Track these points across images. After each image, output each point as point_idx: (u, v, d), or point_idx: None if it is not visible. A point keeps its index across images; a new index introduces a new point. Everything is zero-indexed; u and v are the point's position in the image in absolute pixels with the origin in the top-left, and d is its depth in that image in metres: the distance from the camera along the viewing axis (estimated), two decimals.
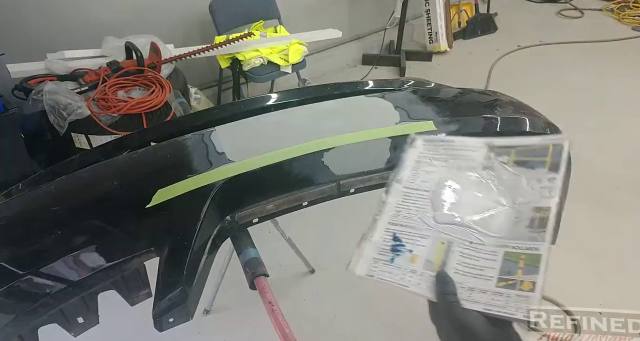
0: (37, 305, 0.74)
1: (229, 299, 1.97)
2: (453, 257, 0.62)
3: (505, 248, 0.61)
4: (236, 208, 0.87)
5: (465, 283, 0.59)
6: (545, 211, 0.62)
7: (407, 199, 0.71)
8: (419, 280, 0.61)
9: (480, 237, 0.63)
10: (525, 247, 0.60)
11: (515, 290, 0.56)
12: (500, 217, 0.64)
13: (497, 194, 0.68)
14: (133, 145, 1.05)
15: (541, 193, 0.65)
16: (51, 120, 2.03)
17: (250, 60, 2.74)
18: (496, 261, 0.60)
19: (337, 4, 3.77)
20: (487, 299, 0.57)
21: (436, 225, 0.66)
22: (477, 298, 0.57)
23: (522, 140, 0.72)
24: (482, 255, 0.61)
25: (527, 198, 0.65)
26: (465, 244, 0.63)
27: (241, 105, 1.21)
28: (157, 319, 0.73)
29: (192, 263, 0.76)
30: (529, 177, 0.67)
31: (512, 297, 0.56)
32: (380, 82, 1.37)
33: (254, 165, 0.88)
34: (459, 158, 0.74)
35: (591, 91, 3.55)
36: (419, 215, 0.68)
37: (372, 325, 1.89)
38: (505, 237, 0.62)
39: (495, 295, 0.57)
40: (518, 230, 0.62)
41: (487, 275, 0.59)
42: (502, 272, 0.59)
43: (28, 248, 0.76)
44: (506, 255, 0.60)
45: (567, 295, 1.97)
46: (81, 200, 0.85)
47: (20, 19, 2.34)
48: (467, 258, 0.62)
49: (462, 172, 0.72)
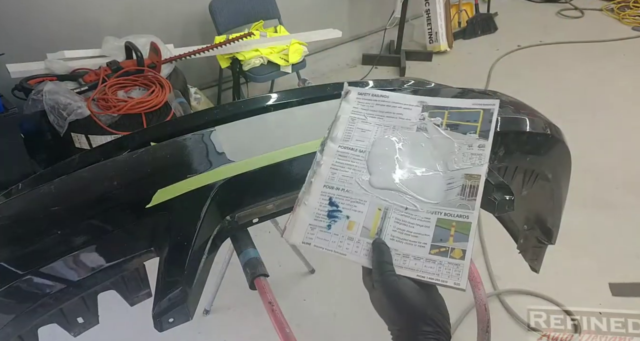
0: (37, 305, 0.74)
1: (229, 299, 1.97)
2: (389, 224, 0.63)
3: (437, 215, 0.62)
4: (236, 208, 0.87)
5: (401, 250, 0.61)
6: (475, 179, 0.63)
7: (342, 159, 0.71)
8: (356, 248, 0.63)
9: (415, 203, 0.64)
10: (456, 214, 0.62)
11: (447, 258, 0.59)
12: (434, 183, 0.66)
13: (431, 158, 0.68)
14: (133, 145, 1.05)
15: (472, 160, 0.66)
16: (51, 120, 2.03)
17: (250, 60, 2.74)
18: (429, 228, 0.62)
19: (337, 4, 3.77)
20: (421, 266, 0.59)
21: (372, 189, 0.66)
22: (411, 265, 0.60)
23: (455, 102, 0.73)
24: (417, 222, 0.63)
25: (459, 165, 0.66)
26: (400, 210, 0.64)
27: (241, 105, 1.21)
28: (157, 319, 0.72)
29: (192, 263, 0.76)
30: (461, 142, 0.68)
31: (444, 264, 0.59)
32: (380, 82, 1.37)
33: (254, 165, 0.88)
34: (393, 116, 0.73)
35: (591, 91, 3.55)
36: (354, 177, 0.68)
37: (372, 325, 1.89)
38: (438, 203, 0.64)
39: (428, 262, 0.59)
40: (450, 197, 0.64)
41: (421, 241, 0.61)
42: (435, 239, 0.61)
43: (28, 248, 0.76)
44: (439, 221, 0.62)
45: (567, 295, 1.97)
46: (81, 200, 0.85)
47: (20, 19, 2.34)
48: (402, 224, 0.63)
49: (396, 132, 0.71)
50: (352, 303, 1.99)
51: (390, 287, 0.58)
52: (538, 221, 1.25)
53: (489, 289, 2.02)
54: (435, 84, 1.37)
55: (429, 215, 0.63)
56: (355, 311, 1.95)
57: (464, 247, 0.59)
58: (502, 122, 1.07)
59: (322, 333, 1.88)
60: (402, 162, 0.68)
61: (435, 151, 0.68)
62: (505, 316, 1.92)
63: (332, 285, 2.07)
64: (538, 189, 1.14)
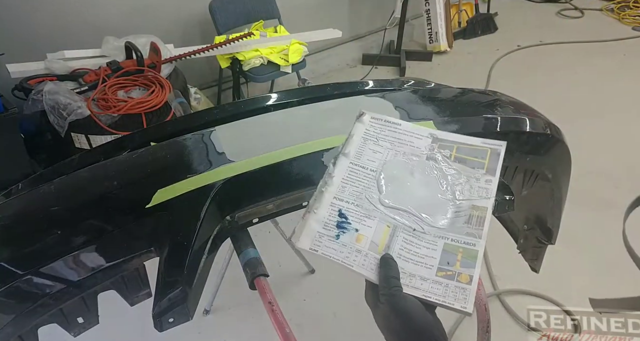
0: (36, 305, 0.74)
1: (229, 299, 1.97)
2: (397, 242, 0.64)
3: (444, 240, 0.64)
4: (236, 208, 0.87)
5: (407, 268, 0.61)
6: (482, 210, 0.65)
7: (352, 175, 0.73)
8: (364, 261, 0.63)
9: (422, 225, 0.66)
10: (463, 241, 0.63)
11: (453, 281, 0.60)
12: (442, 209, 0.67)
13: (440, 186, 0.70)
14: (133, 145, 1.05)
15: (479, 193, 0.68)
16: (51, 120, 2.03)
17: (250, 60, 2.74)
18: (436, 251, 0.63)
19: (337, 4, 3.77)
20: (427, 286, 0.60)
21: (382, 207, 0.68)
22: (417, 284, 0.60)
23: (464, 138, 0.75)
24: (424, 244, 0.64)
25: (467, 196, 0.68)
26: (408, 231, 0.65)
27: (241, 105, 1.21)
28: (157, 319, 0.72)
29: (192, 263, 0.76)
30: (469, 175, 0.70)
31: (451, 287, 0.59)
32: (380, 82, 1.37)
33: (254, 165, 0.88)
34: (404, 143, 0.76)
35: (591, 91, 3.55)
36: (364, 193, 0.70)
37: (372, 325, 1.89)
38: (445, 229, 0.65)
39: (434, 283, 0.60)
40: (457, 224, 0.65)
41: (428, 263, 0.62)
42: (441, 262, 0.62)
43: (28, 248, 0.76)
44: (445, 246, 0.63)
45: (567, 295, 1.97)
46: (81, 200, 0.85)
47: (21, 19, 2.34)
48: (410, 244, 0.64)
49: (406, 158, 0.74)
50: (352, 303, 1.99)
51: (398, 303, 0.57)
52: (538, 221, 1.25)
53: (489, 289, 2.02)
54: (435, 84, 1.37)
55: (435, 238, 0.64)
56: (355, 311, 1.95)
57: (471, 273, 0.60)
58: (502, 122, 1.08)
59: (322, 333, 1.88)
60: (410, 186, 0.70)
61: (444, 180, 0.70)
62: (505, 316, 1.92)
63: (332, 285, 2.07)
64: (538, 189, 1.14)
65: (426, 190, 0.69)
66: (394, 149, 0.75)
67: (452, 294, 0.59)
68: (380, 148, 0.75)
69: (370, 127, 0.79)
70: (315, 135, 0.96)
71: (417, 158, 0.73)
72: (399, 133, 0.77)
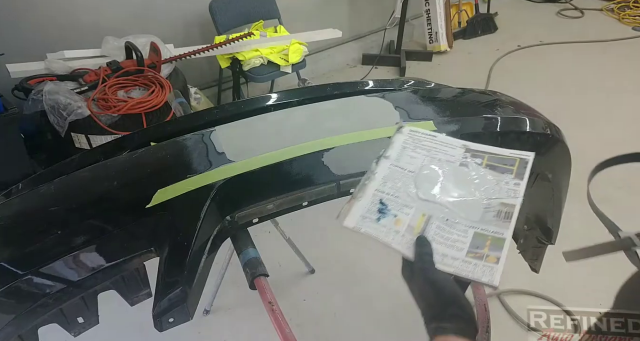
0: (37, 305, 0.74)
1: (229, 299, 1.97)
2: (431, 228, 0.71)
3: (475, 229, 0.71)
4: (236, 208, 0.88)
5: (440, 250, 0.69)
6: (510, 207, 0.72)
7: (393, 174, 0.80)
8: (401, 240, 0.70)
9: (455, 217, 0.73)
10: (492, 231, 0.70)
11: (482, 261, 0.67)
12: (473, 205, 0.75)
13: (472, 187, 0.77)
14: (133, 145, 1.05)
15: (508, 193, 0.75)
16: (51, 120, 2.03)
17: (250, 60, 2.74)
18: (467, 238, 0.70)
19: (337, 4, 3.77)
20: (458, 264, 0.67)
21: (419, 200, 0.76)
22: (449, 262, 0.67)
23: (495, 149, 0.83)
24: (456, 231, 0.71)
25: (497, 196, 0.75)
26: (442, 220, 0.73)
27: (241, 105, 1.21)
28: (158, 319, 0.73)
29: (192, 263, 0.76)
30: (499, 178, 0.78)
31: (479, 266, 0.66)
32: (381, 82, 1.37)
33: (254, 165, 0.88)
34: (439, 151, 0.84)
35: (591, 91, 3.55)
36: (403, 188, 0.77)
37: (372, 325, 1.89)
38: (476, 221, 0.72)
39: (464, 262, 0.67)
40: (487, 218, 0.72)
41: (459, 246, 0.69)
42: (471, 246, 0.69)
43: (28, 248, 0.76)
44: (475, 234, 0.70)
45: (567, 295, 1.97)
46: (81, 200, 0.85)
47: (21, 19, 2.34)
48: (443, 231, 0.71)
49: (441, 163, 0.82)
50: (352, 303, 1.99)
51: (431, 275, 0.65)
52: (538, 221, 1.25)
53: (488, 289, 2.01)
54: (435, 84, 1.37)
55: (466, 228, 0.71)
56: (355, 311, 1.95)
57: (498, 255, 0.67)
58: (502, 122, 1.08)
59: (322, 333, 1.88)
60: (445, 185, 0.78)
61: (475, 182, 0.78)
62: (505, 316, 1.92)
63: (332, 285, 2.07)
64: (538, 189, 1.14)
65: (459, 190, 0.77)
66: (430, 156, 0.83)
67: (480, 271, 0.66)
68: (417, 154, 0.84)
69: (409, 138, 0.88)
70: (315, 135, 0.96)
71: (451, 163, 0.82)
72: (434, 143, 0.86)
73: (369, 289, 2.04)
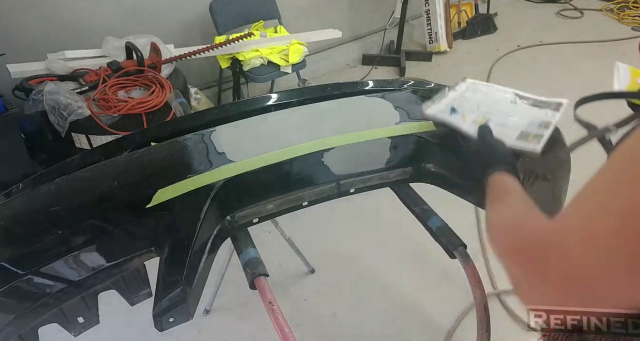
0: (37, 304, 0.74)
1: (229, 299, 1.97)
2: (490, 124, 0.92)
3: (522, 129, 0.93)
4: (236, 208, 0.88)
5: (496, 130, 0.90)
6: (548, 122, 0.95)
7: (456, 99, 1.04)
8: (467, 127, 0.92)
9: (508, 122, 0.96)
10: (534, 132, 0.92)
11: (530, 136, 0.90)
12: (522, 117, 0.98)
13: (520, 110, 1.01)
14: (133, 145, 1.05)
15: (547, 116, 0.98)
16: (51, 120, 2.04)
17: (251, 60, 2.74)
18: (515, 133, 0.92)
19: (337, 4, 3.77)
20: (509, 140, 0.89)
21: (479, 109, 1.00)
22: (503, 139, 0.88)
23: (537, 97, 1.06)
24: (507, 130, 0.93)
25: (539, 116, 0.98)
26: (498, 123, 0.94)
27: (241, 105, 1.21)
28: (158, 319, 0.73)
29: (193, 263, 0.77)
30: (540, 108, 1.02)
31: (527, 141, 0.89)
32: (380, 82, 1.38)
33: (254, 165, 0.88)
34: (495, 92, 1.08)
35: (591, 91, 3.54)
36: (468, 106, 1.01)
37: (372, 325, 1.89)
38: (523, 125, 0.95)
39: (515, 140, 0.89)
40: (531, 126, 0.94)
41: (510, 135, 0.91)
42: (518, 138, 0.91)
43: (28, 248, 0.76)
44: (521, 133, 0.92)
45: None
46: (81, 200, 0.85)
47: (21, 19, 2.34)
48: (499, 126, 0.93)
49: (496, 98, 1.06)
50: (352, 303, 1.99)
51: (491, 140, 0.85)
52: None
53: (489, 289, 2.02)
54: (435, 84, 1.37)
55: (516, 128, 0.93)
56: (355, 311, 1.95)
57: (542, 134, 0.91)
58: None
59: (322, 333, 1.88)
60: (500, 108, 1.01)
61: (524, 108, 1.03)
62: (505, 316, 1.92)
63: (332, 285, 2.07)
64: (538, 189, 1.14)
65: (512, 111, 1.00)
66: (485, 93, 1.07)
67: (527, 144, 0.88)
68: (478, 93, 1.08)
69: (471, 85, 1.11)
70: (315, 136, 0.97)
71: (505, 101, 1.05)
72: (491, 89, 1.09)
73: (369, 289, 2.04)
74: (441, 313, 1.90)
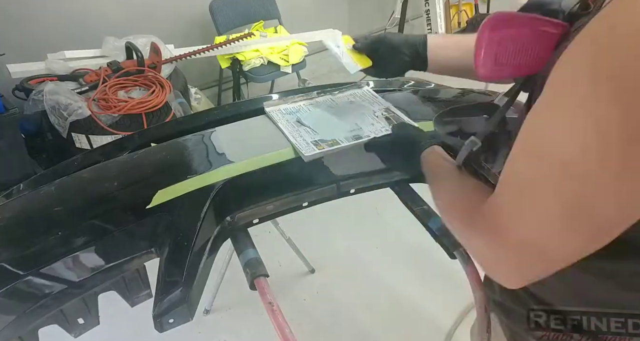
0: (37, 305, 0.74)
1: (229, 299, 1.97)
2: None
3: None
4: (236, 209, 0.88)
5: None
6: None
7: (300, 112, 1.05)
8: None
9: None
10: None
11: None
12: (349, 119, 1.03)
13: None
14: (133, 145, 1.05)
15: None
16: (52, 121, 2.04)
17: (251, 61, 2.75)
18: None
19: (337, 4, 3.77)
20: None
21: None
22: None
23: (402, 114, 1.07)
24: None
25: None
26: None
27: (241, 105, 1.21)
28: (158, 320, 0.73)
29: (193, 263, 0.77)
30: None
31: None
32: (381, 82, 1.38)
33: (254, 166, 0.88)
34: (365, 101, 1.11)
35: None
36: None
37: (372, 325, 1.89)
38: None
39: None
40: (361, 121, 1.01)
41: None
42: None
43: (28, 248, 0.76)
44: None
45: None
46: (82, 201, 0.85)
47: (21, 19, 2.34)
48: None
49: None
50: (352, 304, 1.99)
51: (404, 126, 0.93)
52: None
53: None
54: (435, 84, 1.37)
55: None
56: (356, 311, 1.95)
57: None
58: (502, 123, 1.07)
59: (322, 333, 1.88)
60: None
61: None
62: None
63: (332, 285, 2.07)
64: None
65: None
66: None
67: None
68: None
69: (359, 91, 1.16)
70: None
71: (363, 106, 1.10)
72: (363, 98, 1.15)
73: (369, 289, 2.04)
74: (441, 313, 1.90)
